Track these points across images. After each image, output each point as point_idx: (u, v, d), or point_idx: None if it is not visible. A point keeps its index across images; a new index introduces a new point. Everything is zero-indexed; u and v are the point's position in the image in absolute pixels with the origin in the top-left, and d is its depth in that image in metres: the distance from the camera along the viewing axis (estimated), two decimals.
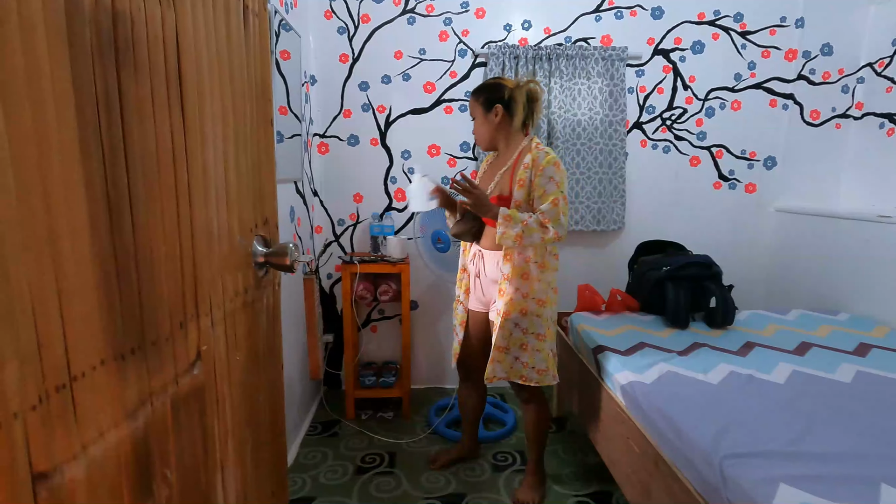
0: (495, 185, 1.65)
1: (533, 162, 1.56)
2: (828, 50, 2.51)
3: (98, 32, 0.45)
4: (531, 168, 1.56)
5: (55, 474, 0.42)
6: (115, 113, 0.47)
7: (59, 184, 0.41)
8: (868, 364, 1.64)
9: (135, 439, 0.50)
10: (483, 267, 1.71)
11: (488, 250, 1.69)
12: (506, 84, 1.62)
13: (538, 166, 1.55)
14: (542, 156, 1.56)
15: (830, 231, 2.37)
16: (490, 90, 1.63)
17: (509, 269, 1.59)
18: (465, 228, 1.68)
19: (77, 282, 0.43)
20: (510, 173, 1.61)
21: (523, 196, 1.56)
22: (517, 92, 1.60)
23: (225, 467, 0.67)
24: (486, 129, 1.65)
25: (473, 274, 1.75)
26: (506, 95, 1.60)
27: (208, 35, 0.61)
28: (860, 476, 1.08)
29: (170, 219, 0.55)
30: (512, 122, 1.63)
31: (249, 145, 0.73)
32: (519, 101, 1.60)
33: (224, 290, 0.66)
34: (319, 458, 2.10)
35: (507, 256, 1.59)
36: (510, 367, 1.66)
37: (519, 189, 1.56)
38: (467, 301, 1.83)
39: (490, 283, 1.70)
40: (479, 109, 1.65)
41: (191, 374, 0.59)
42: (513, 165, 1.61)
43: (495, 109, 1.62)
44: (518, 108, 1.61)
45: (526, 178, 1.56)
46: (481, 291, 1.75)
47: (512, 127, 1.64)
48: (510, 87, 1.61)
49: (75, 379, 0.44)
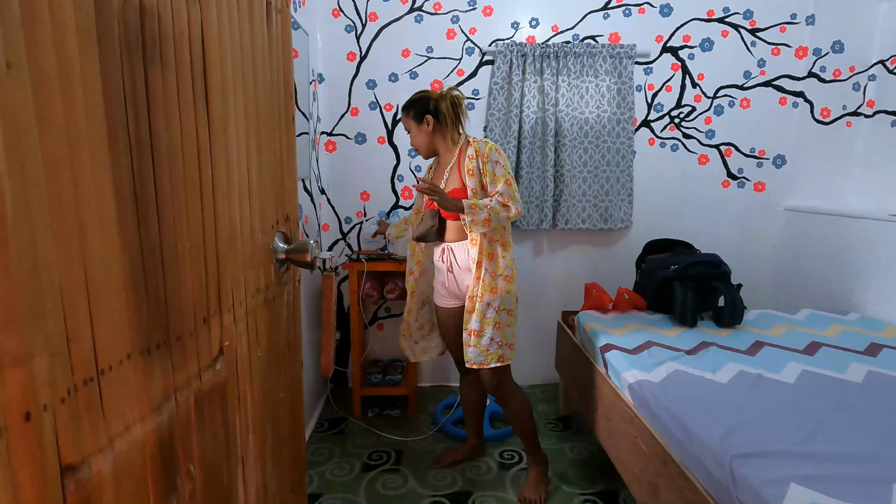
0: (446, 183, 1.75)
1: (476, 152, 1.68)
2: (839, 47, 2.49)
3: (126, 29, 0.45)
4: (476, 157, 1.68)
5: (83, 467, 0.42)
6: (142, 109, 0.47)
7: (89, 178, 0.42)
8: (879, 364, 1.63)
9: (159, 434, 0.50)
10: (454, 259, 1.77)
11: (455, 242, 1.77)
12: (430, 96, 1.76)
13: (482, 154, 1.67)
14: (483, 145, 1.68)
15: (840, 230, 2.36)
16: (417, 104, 1.76)
17: (476, 252, 1.68)
18: (425, 229, 1.77)
19: (105, 276, 0.44)
20: (457, 168, 1.73)
21: (476, 183, 1.67)
22: (441, 101, 1.73)
23: (246, 462, 0.67)
24: (422, 139, 1.78)
25: (445, 269, 1.81)
26: (432, 106, 1.73)
27: (232, 31, 0.61)
28: (872, 477, 1.07)
29: (194, 214, 0.55)
30: (443, 127, 1.75)
31: (271, 142, 0.74)
32: (444, 108, 1.72)
33: (246, 287, 0.67)
34: (326, 455, 2.11)
35: (474, 241, 1.69)
36: (486, 349, 1.71)
37: (470, 178, 1.67)
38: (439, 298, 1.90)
39: (464, 273, 1.76)
40: (411, 123, 1.78)
41: (213, 370, 0.59)
42: (457, 161, 1.74)
43: (426, 120, 1.75)
44: (445, 115, 1.73)
45: (474, 167, 1.68)
46: (455, 285, 1.80)
47: (445, 131, 1.75)
48: (435, 98, 1.74)
49: (103, 373, 0.44)
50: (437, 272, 1.87)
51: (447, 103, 1.74)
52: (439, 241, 1.82)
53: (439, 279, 1.87)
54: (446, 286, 1.83)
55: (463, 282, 1.78)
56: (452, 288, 1.81)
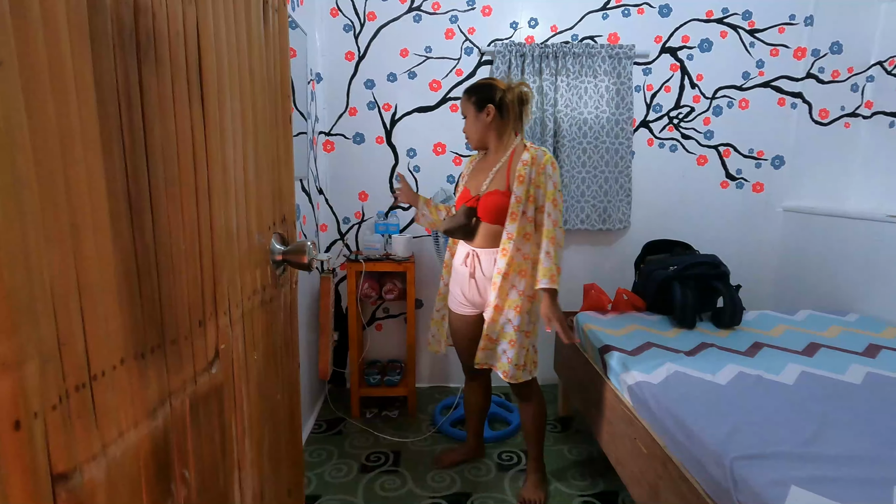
0: (490, 182, 1.66)
1: (532, 160, 1.60)
2: (837, 48, 2.49)
3: (120, 27, 0.44)
4: (531, 165, 1.59)
5: (75, 475, 0.41)
6: (136, 108, 0.46)
7: (82, 179, 0.41)
8: (878, 365, 1.63)
9: (154, 439, 0.50)
10: (479, 265, 1.69)
11: (483, 249, 1.69)
12: (498, 85, 1.65)
13: (538, 164, 1.59)
14: (541, 154, 1.60)
15: (839, 231, 2.36)
16: (482, 90, 1.66)
17: (505, 263, 1.60)
18: (456, 224, 1.68)
19: (98, 279, 0.43)
20: (506, 171, 1.64)
21: (523, 192, 1.59)
22: (508, 94, 1.63)
23: (242, 466, 0.66)
24: (477, 128, 1.68)
25: (467, 275, 1.72)
26: (497, 97, 1.63)
27: (228, 30, 0.60)
28: (873, 478, 1.07)
29: (189, 216, 0.54)
30: (503, 122, 1.66)
31: (268, 142, 0.73)
32: (510, 102, 1.63)
33: (242, 289, 0.66)
34: (324, 457, 2.10)
35: (504, 251, 1.61)
36: (498, 358, 1.69)
37: (519, 185, 1.59)
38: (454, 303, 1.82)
39: (487, 282, 1.69)
40: (471, 108, 1.68)
41: (209, 373, 0.58)
42: (508, 163, 1.64)
43: (487, 109, 1.64)
44: (509, 110, 1.64)
45: (526, 175, 1.59)
46: (476, 292, 1.72)
47: (503, 127, 1.67)
48: (502, 89, 1.64)
49: (95, 378, 0.43)
50: (456, 274, 1.79)
51: (513, 97, 1.64)
52: (466, 242, 1.73)
53: (458, 283, 1.78)
54: (465, 293, 1.75)
55: (485, 290, 1.70)
56: (472, 296, 1.73)
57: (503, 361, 1.68)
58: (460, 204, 1.73)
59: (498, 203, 1.62)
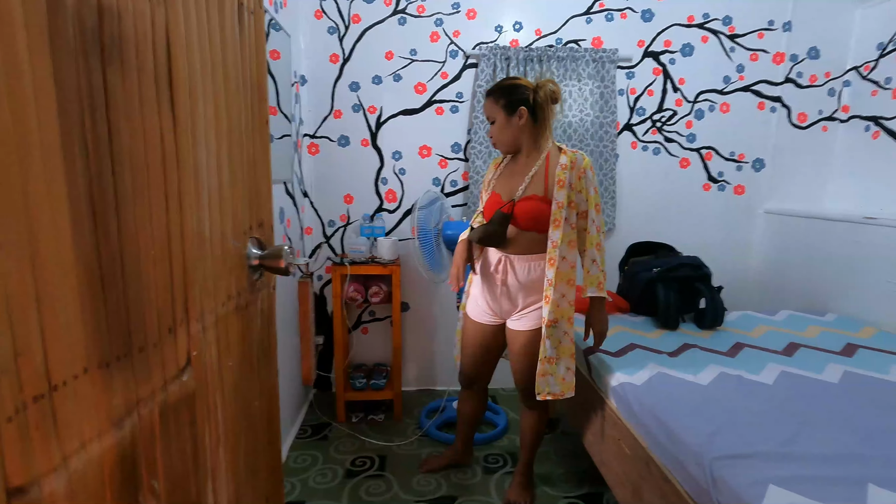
0: (527, 187, 1.57)
1: (571, 164, 1.53)
2: (814, 53, 2.55)
3: (82, 28, 0.43)
4: (569, 169, 1.53)
5: (32, 488, 0.40)
6: (100, 111, 0.45)
7: (40, 184, 0.40)
8: (855, 364, 1.66)
9: (120, 449, 0.48)
10: (513, 272, 1.61)
11: (518, 255, 1.60)
12: (526, 85, 1.57)
13: (578, 168, 1.54)
14: (580, 158, 1.55)
15: (818, 232, 2.41)
16: (512, 91, 1.56)
17: (553, 274, 1.53)
18: (489, 233, 1.59)
19: (58, 287, 0.42)
20: (543, 175, 1.55)
21: (565, 197, 1.52)
22: (540, 93, 1.55)
23: (216, 475, 0.65)
24: (509, 133, 1.59)
25: (498, 282, 1.64)
26: (530, 97, 1.55)
27: (201, 33, 0.59)
28: (848, 476, 1.09)
29: (159, 221, 0.53)
30: (536, 124, 1.58)
31: (244, 146, 0.72)
32: (542, 102, 1.55)
33: (216, 294, 0.65)
34: (309, 462, 2.08)
35: (552, 261, 1.53)
36: (562, 379, 1.59)
37: (560, 189, 1.52)
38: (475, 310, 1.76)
39: (519, 290, 1.62)
40: (500, 113, 1.58)
41: (180, 381, 0.57)
42: (545, 167, 1.56)
43: (519, 112, 1.55)
44: (544, 110, 1.56)
45: (566, 179, 1.52)
46: (506, 299, 1.65)
47: (537, 129, 1.59)
48: (531, 88, 1.56)
49: (55, 388, 0.42)
50: (484, 280, 1.69)
51: (544, 95, 1.54)
52: (499, 249, 1.63)
53: (484, 289, 1.69)
54: (490, 301, 1.68)
55: (515, 299, 1.63)
56: (500, 304, 1.67)
57: (567, 380, 1.59)
58: (490, 209, 1.62)
59: (538, 209, 1.54)
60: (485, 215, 1.67)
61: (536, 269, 1.60)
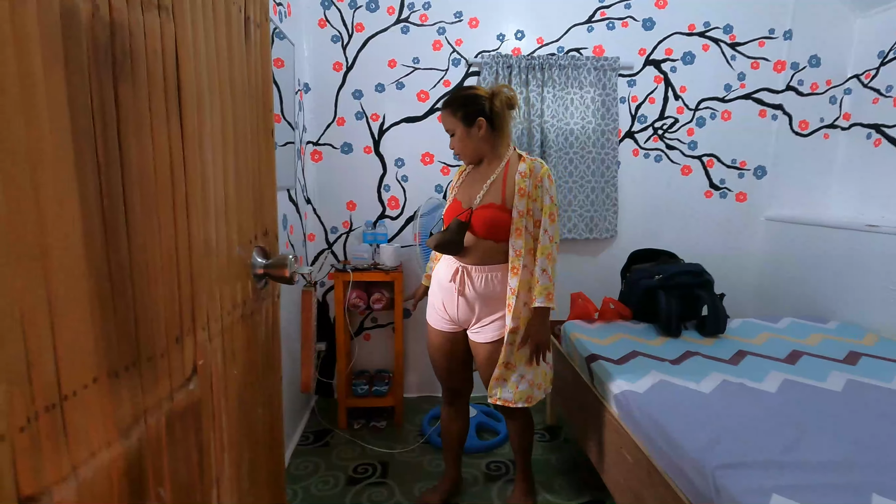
0: (485, 195, 1.56)
1: (530, 171, 1.53)
2: (815, 62, 2.56)
3: (95, 44, 0.44)
4: (528, 177, 1.53)
5: (43, 497, 0.41)
6: (111, 126, 0.46)
7: (52, 197, 0.41)
8: (858, 372, 1.66)
9: (128, 458, 0.49)
10: (471, 284, 1.59)
11: (475, 266, 1.59)
12: (481, 94, 1.55)
13: (536, 176, 1.53)
14: (538, 166, 1.55)
15: (820, 240, 2.41)
16: (468, 103, 1.55)
17: (517, 283, 1.52)
18: (448, 239, 1.55)
19: (70, 298, 0.42)
20: (501, 183, 1.55)
21: (525, 206, 1.52)
22: (496, 101, 1.53)
23: (221, 483, 0.66)
24: (470, 144, 1.58)
25: (454, 291, 1.61)
26: (486, 106, 1.54)
27: (209, 46, 0.60)
28: (852, 485, 1.09)
29: (167, 231, 0.54)
30: (495, 132, 1.57)
31: (250, 156, 0.73)
32: (499, 110, 1.54)
33: (222, 303, 0.65)
34: (311, 469, 2.07)
35: (515, 269, 1.53)
36: (516, 387, 1.59)
37: (521, 198, 1.52)
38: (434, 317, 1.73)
39: (476, 300, 1.60)
40: (458, 125, 1.56)
41: (186, 390, 0.58)
42: (503, 175, 1.56)
43: (478, 123, 1.54)
44: (501, 118, 1.55)
45: (526, 187, 1.52)
46: (465, 309, 1.62)
47: (496, 137, 1.58)
48: (487, 97, 1.54)
49: (66, 398, 0.43)
50: (441, 290, 1.67)
51: (501, 103, 1.53)
52: (456, 259, 1.61)
53: (441, 298, 1.67)
54: (448, 309, 1.65)
55: (473, 309, 1.61)
56: (457, 314, 1.63)
57: (521, 389, 1.59)
58: (449, 216, 1.62)
59: (494, 217, 1.53)
60: (444, 222, 1.66)
61: (493, 280, 1.58)
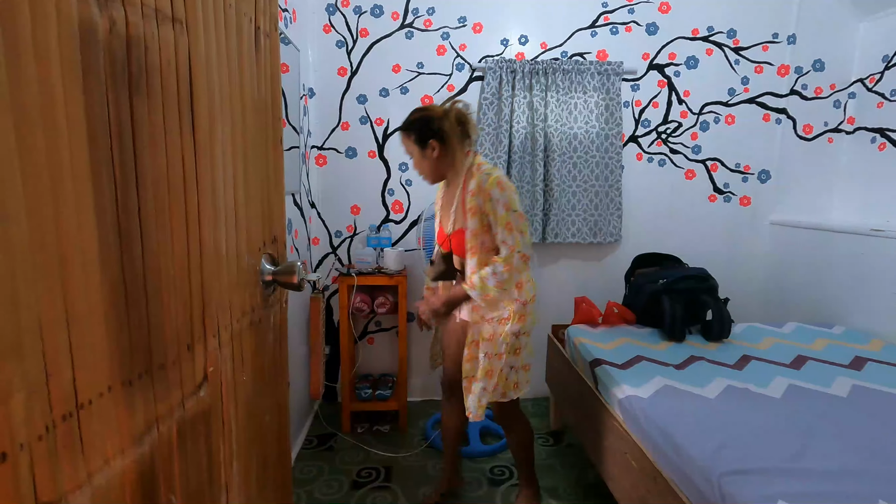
0: (454, 221, 1.58)
1: (478, 187, 1.49)
2: (819, 66, 2.56)
3: (112, 59, 0.45)
4: (478, 194, 1.49)
5: None
6: (127, 139, 0.47)
7: (70, 211, 0.41)
8: (864, 378, 1.65)
9: (140, 465, 0.50)
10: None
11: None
12: (433, 115, 1.56)
13: (483, 191, 1.48)
14: (485, 179, 1.49)
15: (825, 244, 2.40)
16: (419, 126, 1.56)
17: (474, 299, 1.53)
18: (440, 272, 1.66)
19: (86, 309, 0.43)
20: (461, 205, 1.55)
21: (477, 224, 1.50)
22: (446, 121, 1.54)
23: (230, 489, 0.66)
24: (427, 165, 1.59)
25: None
26: (436, 127, 1.54)
27: (220, 57, 0.61)
28: (858, 493, 1.08)
29: (179, 242, 0.54)
30: (450, 150, 1.57)
31: (259, 164, 0.74)
32: (450, 129, 1.54)
33: (231, 311, 0.66)
34: (315, 473, 2.08)
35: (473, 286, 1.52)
36: (478, 400, 1.59)
37: (472, 218, 1.50)
38: None
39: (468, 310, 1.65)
40: (413, 147, 1.58)
41: (197, 397, 0.58)
42: (462, 195, 1.55)
43: (430, 145, 1.55)
44: (452, 137, 1.54)
45: (476, 206, 1.49)
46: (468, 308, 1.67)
47: (452, 154, 1.57)
48: (438, 117, 1.55)
49: (82, 407, 0.43)
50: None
51: (451, 122, 1.54)
52: (458, 281, 1.68)
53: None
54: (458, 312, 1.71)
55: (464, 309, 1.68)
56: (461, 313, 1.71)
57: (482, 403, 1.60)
58: (438, 241, 1.70)
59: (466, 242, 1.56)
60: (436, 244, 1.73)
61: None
